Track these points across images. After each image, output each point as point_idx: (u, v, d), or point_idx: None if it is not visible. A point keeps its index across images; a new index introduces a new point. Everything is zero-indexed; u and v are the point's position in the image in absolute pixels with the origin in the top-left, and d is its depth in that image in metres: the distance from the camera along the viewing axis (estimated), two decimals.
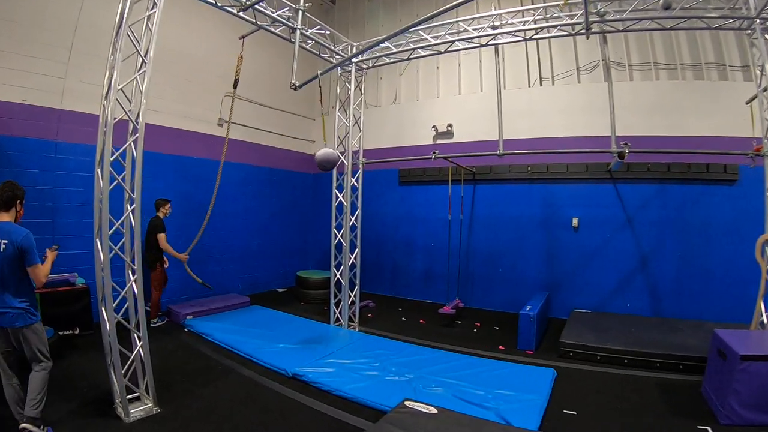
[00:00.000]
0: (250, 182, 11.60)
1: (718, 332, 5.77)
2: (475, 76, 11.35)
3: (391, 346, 7.68)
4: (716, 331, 5.84)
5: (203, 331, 8.16)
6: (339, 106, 8.89)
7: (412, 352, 7.40)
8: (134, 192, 5.08)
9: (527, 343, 7.79)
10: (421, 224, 11.65)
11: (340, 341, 7.82)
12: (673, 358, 6.76)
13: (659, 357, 6.84)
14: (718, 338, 5.71)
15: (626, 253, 9.64)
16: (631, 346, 7.11)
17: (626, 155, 7.15)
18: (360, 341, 7.88)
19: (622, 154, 7.15)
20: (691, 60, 9.54)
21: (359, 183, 9.04)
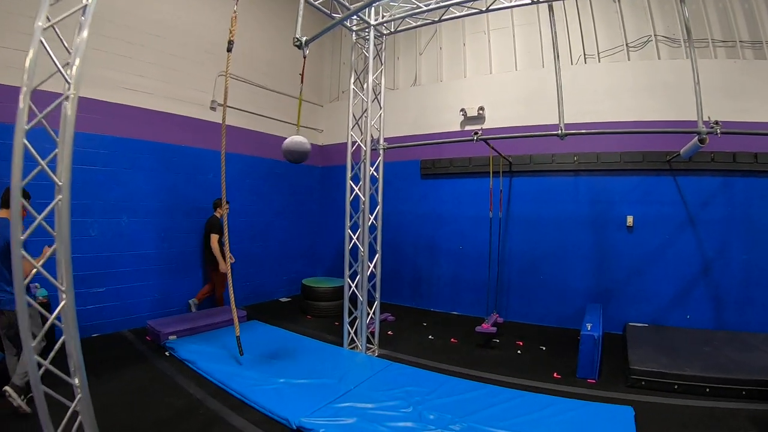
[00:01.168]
0: (247, 176, 9.73)
1: None
2: (509, 54, 9.52)
3: (422, 378, 5.81)
4: None
5: (187, 356, 6.34)
6: (354, 79, 7.06)
7: (451, 387, 5.54)
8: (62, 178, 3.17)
9: (589, 370, 6.07)
10: (446, 224, 9.79)
11: (358, 373, 5.93)
12: (760, 384, 5.39)
13: (745, 383, 5.44)
14: None
15: (687, 256, 7.98)
16: (711, 371, 5.63)
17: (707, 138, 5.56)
18: (383, 373, 5.98)
19: (703, 140, 5.59)
20: (749, 37, 7.97)
21: (380, 173, 7.18)
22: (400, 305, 10.04)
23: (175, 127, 8.33)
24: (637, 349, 6.39)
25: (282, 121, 10.38)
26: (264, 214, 10.05)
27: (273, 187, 10.32)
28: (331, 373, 5.83)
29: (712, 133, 5.42)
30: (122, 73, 7.52)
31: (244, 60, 9.19)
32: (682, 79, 7.40)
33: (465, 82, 9.79)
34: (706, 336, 7.01)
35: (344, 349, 6.83)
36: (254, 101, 9.77)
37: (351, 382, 5.55)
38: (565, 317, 8.29)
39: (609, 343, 7.02)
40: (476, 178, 8.89)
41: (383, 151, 7.08)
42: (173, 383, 5.55)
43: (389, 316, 8.85)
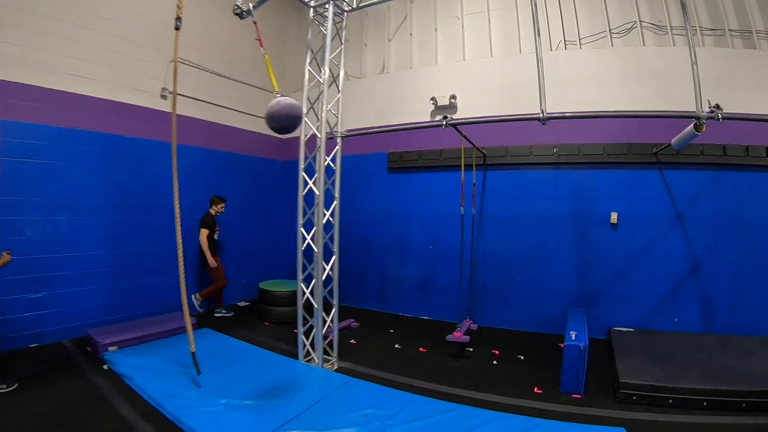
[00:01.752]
0: (201, 170, 8.76)
1: None
2: (484, 39, 8.74)
3: (385, 398, 4.90)
4: None
5: (125, 371, 5.39)
6: (310, 59, 6.15)
7: (417, 408, 4.64)
8: None
9: (574, 384, 5.26)
10: (416, 221, 8.90)
11: (311, 392, 5.00)
12: (762, 395, 4.79)
13: (745, 395, 4.81)
14: None
15: (674, 255, 7.28)
16: (707, 382, 4.96)
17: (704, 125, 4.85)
18: (340, 391, 5.06)
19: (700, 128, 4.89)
20: (738, 26, 7.45)
21: (337, 164, 6.24)
22: (367, 309, 9.16)
23: (123, 117, 7.43)
24: (625, 358, 5.64)
25: (241, 112, 9.44)
26: None
27: (230, 182, 9.32)
28: (281, 391, 4.95)
29: (713, 118, 4.69)
30: (64, 57, 6.64)
31: (199, 46, 8.36)
32: (669, 67, 7.14)
33: (436, 70, 8.96)
34: (696, 341, 6.34)
35: (299, 363, 5.91)
36: (211, 90, 8.82)
37: (302, 403, 4.66)
38: (545, 322, 7.58)
39: (593, 349, 6.19)
40: (448, 172, 8.08)
41: (341, 140, 6.17)
42: (106, 403, 4.70)
43: (353, 323, 7.95)
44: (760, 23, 7.37)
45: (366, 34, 9.72)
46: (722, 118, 4.66)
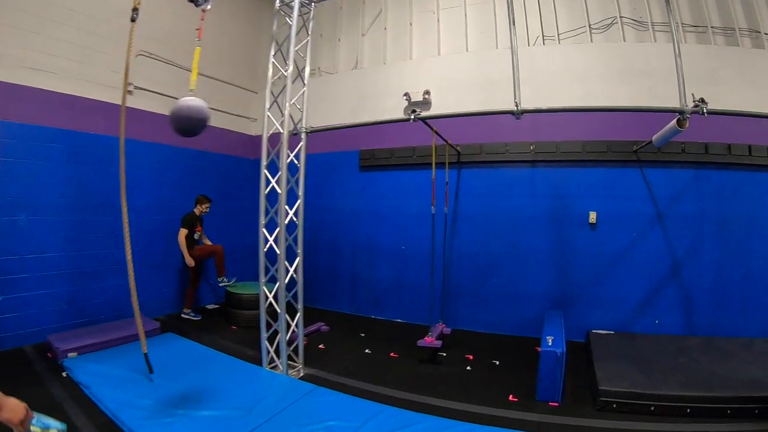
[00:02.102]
0: (169, 168, 8.30)
1: None
2: (460, 34, 8.39)
3: (350, 408, 4.46)
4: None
5: (83, 379, 4.91)
6: (274, 51, 5.74)
7: (384, 420, 4.19)
8: None
9: (551, 391, 4.88)
10: (388, 221, 8.50)
11: (273, 402, 4.54)
12: (746, 401, 4.50)
13: (729, 401, 4.51)
14: None
15: (655, 255, 6.99)
16: (690, 388, 4.65)
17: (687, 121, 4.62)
18: (304, 401, 4.61)
19: (683, 123, 4.66)
20: (721, 23, 7.22)
21: (301, 161, 5.85)
22: (338, 312, 8.77)
23: (86, 113, 6.95)
24: (605, 363, 5.27)
25: (211, 109, 8.66)
26: (185, 210, 8.27)
27: (199, 180, 8.80)
28: (241, 401, 4.51)
29: (698, 113, 4.45)
30: (23, 49, 6.18)
31: (167, 38, 7.88)
32: (650, 63, 6.85)
33: (410, 65, 8.60)
34: (678, 343, 6.06)
35: (263, 370, 5.46)
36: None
37: (263, 414, 4.22)
38: (521, 324, 7.23)
39: (571, 353, 5.90)
40: (421, 171, 7.66)
41: (305, 135, 5.78)
42: (62, 413, 4.20)
43: (323, 326, 7.52)
44: (743, 20, 7.14)
45: (340, 28, 9.33)
46: (707, 112, 4.38)
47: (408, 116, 5.20)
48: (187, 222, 7.80)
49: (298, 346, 5.74)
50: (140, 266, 7.41)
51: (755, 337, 6.25)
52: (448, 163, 7.38)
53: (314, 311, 8.39)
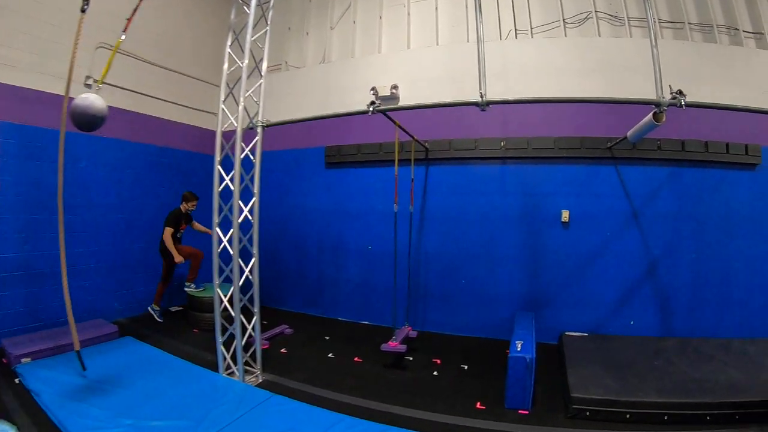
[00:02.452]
0: (130, 165, 7.81)
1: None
2: (430, 27, 8.01)
3: (306, 418, 4.13)
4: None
5: (34, 386, 4.60)
6: (231, 41, 5.30)
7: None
8: None
9: (520, 399, 4.55)
10: (354, 220, 8.07)
11: (226, 411, 4.20)
12: (726, 406, 4.23)
13: (709, 407, 4.23)
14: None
15: (630, 255, 6.69)
16: (668, 394, 4.37)
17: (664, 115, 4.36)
18: (258, 410, 4.26)
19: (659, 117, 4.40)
20: (698, 20, 6.96)
21: (257, 156, 5.41)
22: (304, 314, 8.33)
23: (44, 107, 6.47)
24: (578, 368, 4.95)
25: (175, 103, 8.46)
26: (148, 209, 8.06)
27: (160, 178, 8.36)
28: (193, 410, 4.17)
29: (675, 105, 4.12)
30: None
31: (132, 33, 7.22)
32: (626, 58, 6.51)
33: (379, 59, 8.16)
34: (653, 345, 5.81)
35: (220, 376, 5.07)
36: (142, 79, 7.85)
37: (214, 423, 3.93)
38: (492, 326, 6.90)
39: (543, 356, 5.67)
40: (387, 167, 7.19)
41: (261, 130, 5.35)
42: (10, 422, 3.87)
43: (287, 329, 7.11)
44: (721, 17, 6.92)
45: (308, 21, 8.90)
46: (685, 104, 4.08)
47: (365, 110, 4.80)
48: (172, 220, 7.41)
49: (256, 351, 5.32)
50: (98, 267, 7.28)
51: (733, 338, 6.01)
52: (413, 159, 6.98)
53: (279, 313, 8.09)
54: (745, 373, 4.81)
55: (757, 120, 6.11)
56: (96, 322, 6.57)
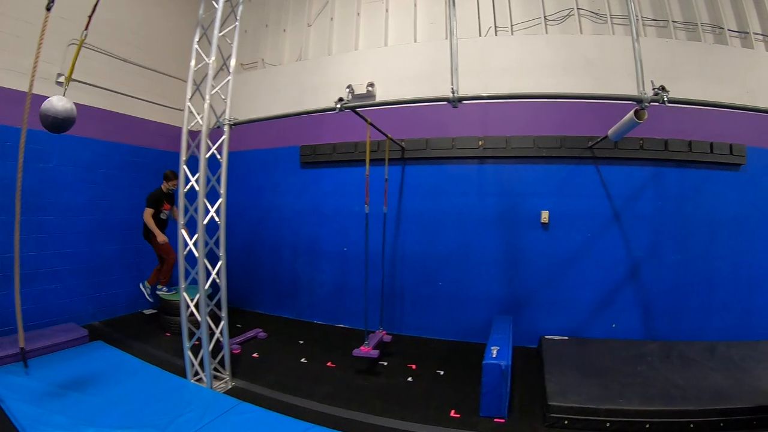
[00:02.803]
0: (101, 165, 7.46)
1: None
2: (408, 24, 7.70)
3: (275, 428, 3.86)
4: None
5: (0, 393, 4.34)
6: (199, 37, 5.04)
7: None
8: None
9: (496, 407, 4.29)
10: (329, 221, 7.72)
11: (191, 419, 3.94)
12: (710, 414, 4.00)
13: (692, 415, 3.99)
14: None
15: (612, 257, 6.43)
16: (650, 401, 4.11)
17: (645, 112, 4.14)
18: (224, 418, 4.00)
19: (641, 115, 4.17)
20: (683, 18, 6.83)
21: (224, 156, 5.12)
22: (279, 317, 8.00)
23: (11, 105, 6.14)
24: (556, 374, 4.70)
25: (149, 101, 8.13)
26: (120, 209, 7.72)
27: (133, 177, 7.97)
28: (158, 418, 3.95)
29: (658, 102, 3.89)
30: None
31: (101, 27, 6.97)
32: (608, 56, 6.37)
33: (356, 56, 7.84)
34: (636, 349, 5.55)
35: (188, 383, 4.80)
36: (115, 77, 7.57)
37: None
38: (470, 330, 6.59)
39: (522, 361, 5.58)
40: (363, 167, 6.51)
41: (228, 128, 5.07)
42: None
43: (260, 333, 6.80)
44: (705, 15, 6.78)
45: (286, 18, 8.57)
46: (668, 101, 3.87)
47: (333, 107, 4.53)
48: (153, 201, 7.06)
49: (224, 356, 5.03)
50: (70, 269, 6.98)
51: (717, 341, 5.77)
52: (388, 158, 6.67)
53: (255, 315, 7.91)
54: (729, 378, 4.61)
55: (742, 119, 6.08)
56: (67, 326, 6.28)
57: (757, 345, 5.55)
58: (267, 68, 8.51)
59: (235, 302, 7.84)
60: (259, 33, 8.59)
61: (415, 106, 6.08)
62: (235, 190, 7.86)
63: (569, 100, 6.03)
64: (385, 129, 6.13)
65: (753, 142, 6.19)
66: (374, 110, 6.57)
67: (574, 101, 6.08)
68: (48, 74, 6.56)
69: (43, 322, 6.26)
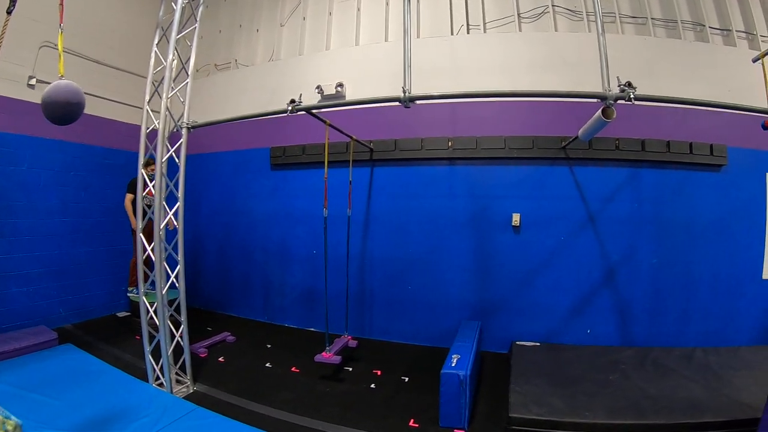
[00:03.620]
0: (74, 167, 7.31)
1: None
2: (379, 23, 7.48)
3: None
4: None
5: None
6: (158, 39, 4.91)
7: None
8: None
9: (455, 417, 4.11)
10: (299, 224, 7.49)
11: (147, 423, 3.84)
12: (681, 429, 3.69)
13: (662, 429, 3.70)
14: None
15: (587, 261, 6.19)
16: (619, 414, 3.85)
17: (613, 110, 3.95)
18: (180, 424, 3.88)
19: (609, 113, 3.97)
20: (662, 15, 6.61)
21: (181, 159, 4.98)
22: (251, 320, 7.78)
23: None
24: (522, 383, 4.45)
25: (122, 103, 7.93)
26: (93, 212, 7.58)
27: (105, 180, 7.79)
28: (116, 421, 3.86)
29: (624, 99, 3.73)
30: None
31: (74, 29, 6.72)
32: (584, 54, 5.87)
33: (327, 56, 7.62)
34: (610, 356, 5.27)
35: (150, 387, 4.68)
36: (88, 78, 7.26)
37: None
38: (439, 335, 6.30)
39: (492, 367, 5.54)
40: (334, 169, 6.54)
41: (186, 131, 4.95)
42: None
43: (229, 336, 6.64)
44: (686, 12, 6.56)
45: (260, 18, 8.38)
46: (635, 99, 3.72)
47: (285, 108, 4.40)
48: (134, 186, 6.64)
49: (185, 361, 4.91)
50: (41, 273, 6.89)
51: (695, 347, 5.54)
52: (351, 160, 6.48)
53: (226, 319, 7.75)
54: (706, 388, 4.36)
55: (723, 119, 5.85)
56: (37, 329, 6.14)
57: (737, 351, 5.33)
58: (240, 69, 8.32)
59: (207, 305, 7.87)
60: (233, 33, 8.45)
61: (383, 107, 5.73)
62: (207, 192, 7.92)
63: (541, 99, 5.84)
64: (354, 130, 6.00)
65: (735, 142, 5.97)
66: (343, 111, 6.48)
67: (547, 100, 5.96)
68: (19, 77, 6.42)
69: (14, 326, 6.12)
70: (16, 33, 6.07)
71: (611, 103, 3.79)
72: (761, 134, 5.19)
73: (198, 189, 8.09)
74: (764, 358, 5.08)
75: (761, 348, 5.48)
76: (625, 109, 4.13)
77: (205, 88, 8.10)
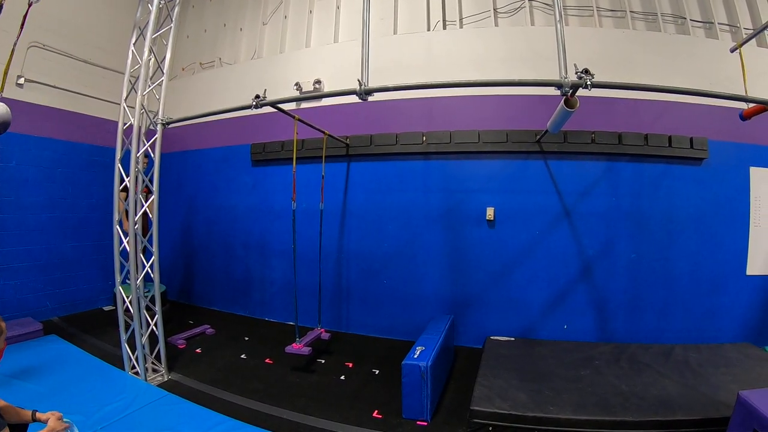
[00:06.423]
0: (62, 164, 7.44)
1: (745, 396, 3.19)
2: (358, 20, 7.26)
3: (193, 419, 4.02)
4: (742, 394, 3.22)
5: None
6: (135, 38, 5.03)
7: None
8: None
9: (418, 409, 4.18)
10: (279, 219, 7.49)
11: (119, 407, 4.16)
12: (648, 426, 3.60)
13: (633, 427, 3.61)
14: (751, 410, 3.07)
15: (563, 255, 6.16)
16: (586, 410, 3.75)
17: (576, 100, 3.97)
18: (150, 408, 4.18)
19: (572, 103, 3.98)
20: (642, 8, 6.62)
21: (156, 155, 5.12)
22: (232, 314, 7.88)
23: None
24: (489, 377, 4.39)
25: (110, 102, 7.95)
26: (79, 208, 7.70)
27: (92, 176, 7.90)
28: (90, 405, 4.18)
29: (581, 86, 3.54)
30: None
31: (61, 29, 7.11)
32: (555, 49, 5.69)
33: (306, 53, 7.67)
34: (585, 352, 5.17)
35: (125, 374, 4.91)
36: (74, 77, 7.51)
37: (103, 419, 3.93)
38: (414, 329, 6.05)
39: (464, 362, 5.58)
40: (311, 164, 6.74)
41: (161, 128, 5.07)
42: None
43: (208, 329, 6.75)
44: (667, 5, 6.54)
45: (244, 17, 8.44)
46: (592, 85, 3.50)
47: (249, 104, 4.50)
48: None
49: (160, 351, 5.06)
50: (29, 266, 7.16)
51: (676, 344, 5.41)
52: (324, 156, 6.42)
53: (208, 312, 7.90)
54: (681, 385, 4.25)
55: (704, 112, 5.83)
56: (24, 320, 6.36)
57: (718, 348, 5.17)
58: (224, 67, 8.40)
59: (190, 299, 7.99)
60: (218, 33, 8.54)
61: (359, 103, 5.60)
62: (190, 188, 8.02)
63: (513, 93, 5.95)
64: (331, 126, 6.07)
65: (716, 135, 5.91)
66: (321, 108, 6.69)
67: (519, 94, 6.05)
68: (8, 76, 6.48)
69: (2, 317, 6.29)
70: (5, 34, 6.22)
71: (567, 90, 3.65)
72: (743, 128, 5.20)
73: (183, 185, 8.23)
74: (745, 356, 4.93)
75: (744, 345, 5.31)
76: (602, 104, 4.09)
77: (191, 86, 8.24)
